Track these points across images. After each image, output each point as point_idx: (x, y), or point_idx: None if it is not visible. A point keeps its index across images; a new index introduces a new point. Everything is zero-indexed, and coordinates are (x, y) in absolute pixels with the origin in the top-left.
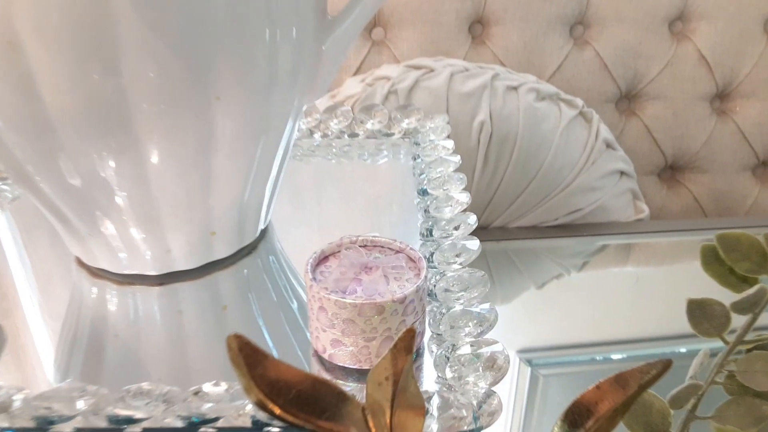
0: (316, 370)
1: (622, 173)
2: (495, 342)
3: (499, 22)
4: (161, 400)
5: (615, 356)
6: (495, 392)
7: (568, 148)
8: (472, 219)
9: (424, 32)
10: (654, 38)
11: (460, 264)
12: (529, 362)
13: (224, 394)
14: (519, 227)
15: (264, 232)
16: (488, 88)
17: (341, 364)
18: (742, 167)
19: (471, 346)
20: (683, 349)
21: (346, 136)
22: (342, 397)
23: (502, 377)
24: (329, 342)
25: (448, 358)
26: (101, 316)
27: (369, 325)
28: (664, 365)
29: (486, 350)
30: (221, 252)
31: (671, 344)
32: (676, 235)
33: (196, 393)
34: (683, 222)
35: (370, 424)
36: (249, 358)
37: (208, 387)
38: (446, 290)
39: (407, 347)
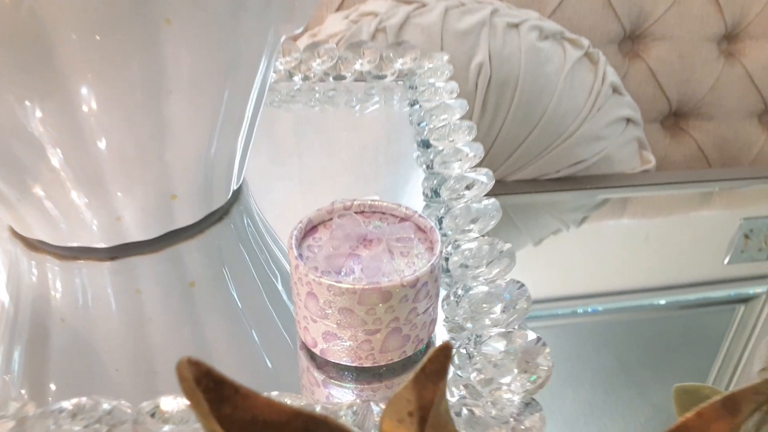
0: (305, 367)
1: (628, 120)
2: (531, 333)
3: None
4: (105, 423)
5: (613, 305)
6: (537, 403)
7: (573, 93)
8: (488, 176)
9: None
10: None
11: (477, 232)
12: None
13: (187, 411)
14: (517, 181)
15: (237, 193)
16: (487, 25)
17: (337, 361)
18: (749, 114)
19: (501, 339)
20: (692, 297)
21: (330, 79)
22: None
23: (545, 382)
24: (321, 335)
25: (470, 356)
26: (43, 297)
27: (372, 315)
28: None
29: (520, 344)
30: (185, 218)
31: (674, 294)
32: (680, 188)
33: (151, 414)
34: (688, 173)
35: None
36: (212, 392)
37: (167, 403)
38: (462, 266)
39: (439, 371)
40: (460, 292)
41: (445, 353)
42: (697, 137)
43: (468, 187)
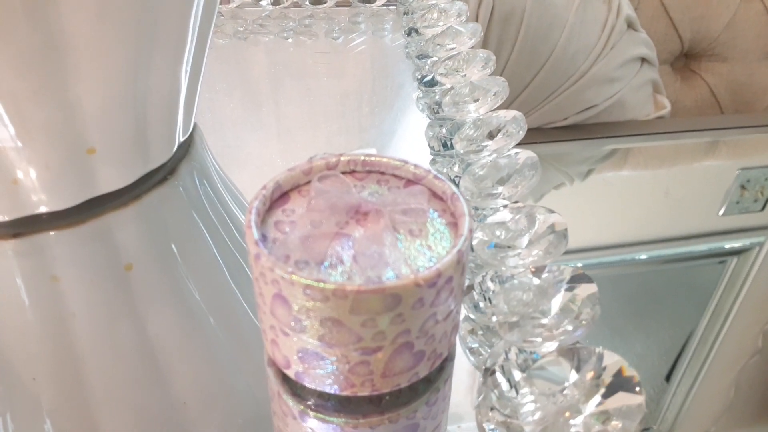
0: (275, 392)
1: (643, 60)
2: (610, 354)
3: None
4: None
5: (614, 258)
6: None
7: (584, 29)
8: (518, 120)
9: None
10: None
11: (508, 197)
12: None
13: None
14: None
15: (186, 146)
16: None
17: (318, 389)
18: (765, 55)
19: (563, 358)
20: (684, 250)
21: (307, 3)
22: None
23: (637, 423)
24: (296, 353)
25: (515, 388)
26: None
27: (371, 329)
28: None
29: (595, 366)
30: (111, 181)
31: (666, 246)
32: (687, 137)
33: None
34: (700, 120)
35: None
36: None
37: None
38: (493, 245)
39: None
40: (490, 283)
41: None
42: (710, 80)
43: (491, 136)
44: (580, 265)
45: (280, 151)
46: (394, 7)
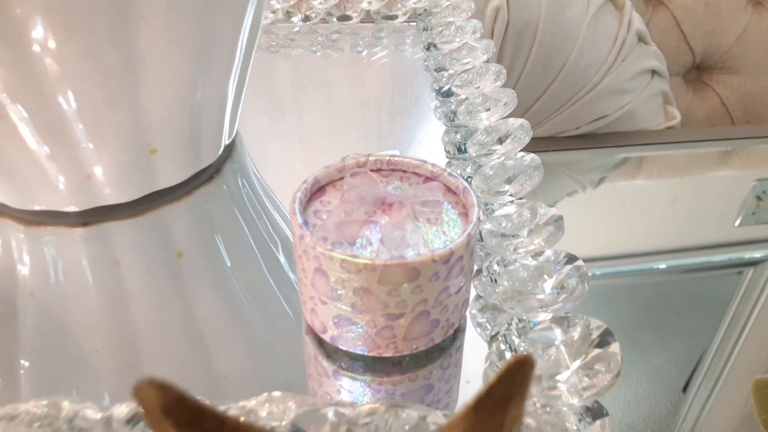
0: (312, 355)
1: (654, 73)
2: (594, 320)
3: None
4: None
5: (625, 268)
6: (602, 408)
7: (596, 42)
8: (525, 128)
9: None
10: None
11: (514, 194)
12: None
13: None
14: (534, 138)
15: (230, 149)
16: None
17: (350, 350)
18: None
19: (555, 325)
20: (700, 260)
21: (334, 20)
22: None
23: (615, 380)
24: (331, 319)
25: (513, 348)
26: (8, 268)
27: (394, 297)
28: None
29: (577, 330)
30: (168, 178)
31: (682, 257)
32: (701, 147)
33: (128, 420)
34: (711, 131)
35: None
36: (187, 426)
37: (118, 411)
38: (500, 235)
39: (513, 394)
40: (496, 266)
41: (523, 370)
42: (721, 92)
43: (500, 141)
44: (597, 273)
45: (311, 154)
46: (415, 24)
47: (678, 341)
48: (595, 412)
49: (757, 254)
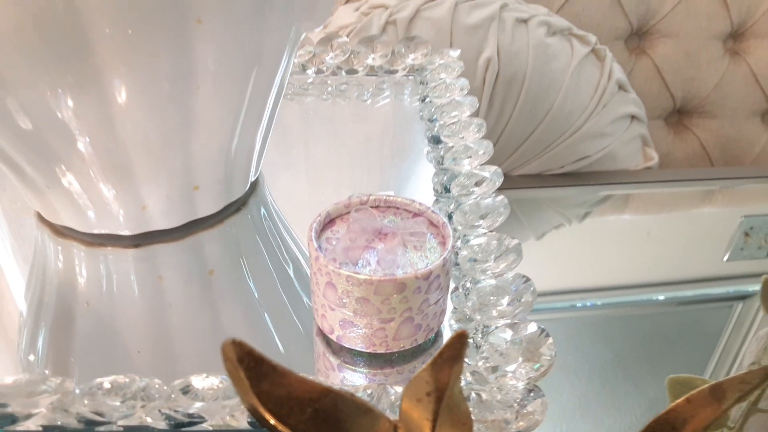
0: (321, 352)
1: (633, 117)
2: (534, 325)
3: None
4: (140, 398)
5: (612, 300)
6: (539, 389)
7: (579, 90)
8: (497, 173)
9: None
10: None
11: (486, 228)
12: None
13: (216, 390)
14: (522, 175)
15: (254, 185)
16: (496, 20)
17: (351, 347)
18: (752, 113)
19: (508, 329)
20: (686, 293)
21: (343, 73)
22: (370, 414)
23: (548, 371)
24: (338, 322)
25: (478, 346)
26: (69, 281)
27: (387, 305)
28: (766, 372)
29: (525, 334)
30: (206, 209)
31: (673, 290)
32: (682, 185)
33: (184, 391)
34: (690, 171)
35: None
36: (252, 371)
37: (197, 381)
38: (471, 260)
39: (455, 356)
40: (468, 284)
41: (461, 340)
42: (701, 135)
43: (477, 184)
44: (589, 304)
45: (320, 189)
46: (412, 78)
47: (672, 372)
48: (535, 393)
49: (747, 288)
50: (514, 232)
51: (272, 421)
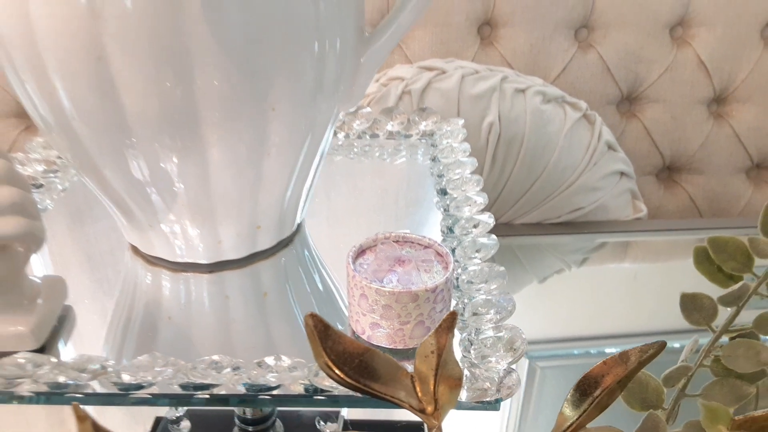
0: None
1: (622, 174)
2: (513, 327)
3: (507, 24)
4: (230, 369)
5: (609, 350)
6: (514, 369)
7: (572, 150)
8: (490, 218)
9: (435, 33)
10: (655, 43)
11: (480, 259)
12: (527, 354)
13: (282, 366)
14: (523, 224)
15: (299, 226)
16: (497, 90)
17: (378, 344)
18: (737, 169)
19: (493, 330)
20: (676, 344)
21: (367, 137)
22: (395, 367)
23: (520, 357)
24: (368, 325)
25: (471, 342)
26: (156, 300)
27: (404, 311)
28: (660, 346)
29: (505, 334)
30: (264, 244)
31: (665, 338)
32: (672, 234)
33: (259, 364)
34: (679, 222)
35: (418, 390)
36: (321, 332)
37: (269, 360)
38: (469, 282)
39: (449, 327)
40: (466, 300)
41: (453, 317)
42: (689, 189)
43: (475, 226)
44: (594, 352)
45: (348, 231)
46: (425, 141)
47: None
48: (510, 372)
49: None
50: (518, 276)
51: (334, 369)
